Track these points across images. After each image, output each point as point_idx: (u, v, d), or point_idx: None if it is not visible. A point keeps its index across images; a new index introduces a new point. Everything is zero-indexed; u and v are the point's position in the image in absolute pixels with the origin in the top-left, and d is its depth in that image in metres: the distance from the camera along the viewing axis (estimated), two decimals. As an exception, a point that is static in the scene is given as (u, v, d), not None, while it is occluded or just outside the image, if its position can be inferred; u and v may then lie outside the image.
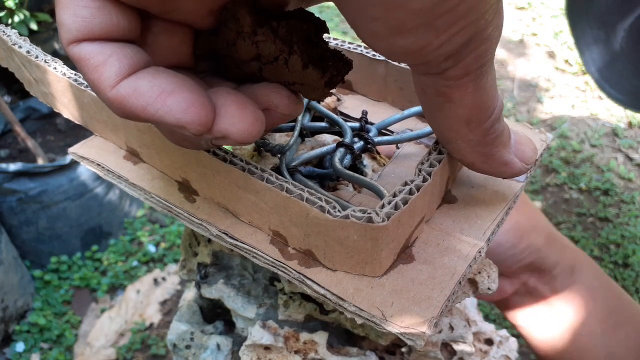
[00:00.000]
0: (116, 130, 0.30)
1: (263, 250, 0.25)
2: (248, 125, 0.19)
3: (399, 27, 0.16)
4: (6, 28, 0.32)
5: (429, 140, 0.31)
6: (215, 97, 0.19)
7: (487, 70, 0.19)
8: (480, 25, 0.17)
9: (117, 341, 1.19)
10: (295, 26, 0.19)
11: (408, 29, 0.16)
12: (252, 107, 0.19)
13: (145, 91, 0.17)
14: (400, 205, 0.21)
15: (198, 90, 0.18)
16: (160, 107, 0.17)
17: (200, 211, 0.27)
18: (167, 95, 0.17)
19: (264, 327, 0.33)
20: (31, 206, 1.20)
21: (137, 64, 0.18)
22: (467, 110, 0.20)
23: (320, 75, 0.19)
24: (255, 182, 0.23)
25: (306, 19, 0.19)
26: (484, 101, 0.20)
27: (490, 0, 0.16)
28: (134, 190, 0.29)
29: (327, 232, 0.22)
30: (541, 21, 2.06)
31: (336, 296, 0.23)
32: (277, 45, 0.19)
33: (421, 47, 0.17)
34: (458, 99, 0.19)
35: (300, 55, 0.19)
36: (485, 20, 0.17)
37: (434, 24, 0.16)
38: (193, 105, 0.17)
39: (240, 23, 0.19)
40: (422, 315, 0.21)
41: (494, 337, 0.41)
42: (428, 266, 0.24)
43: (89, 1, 0.17)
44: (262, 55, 0.19)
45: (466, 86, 0.19)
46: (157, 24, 0.19)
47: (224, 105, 0.18)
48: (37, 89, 0.33)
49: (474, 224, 0.26)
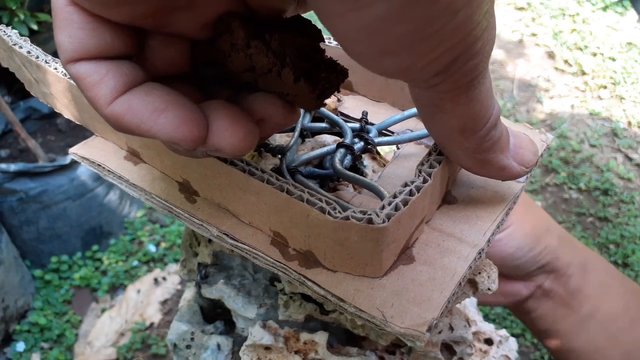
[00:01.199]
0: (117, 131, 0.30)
1: (264, 251, 0.25)
2: (239, 140, 0.19)
3: (383, 50, 0.16)
4: (7, 28, 0.32)
5: (430, 140, 0.31)
6: (209, 110, 0.19)
7: (479, 82, 0.19)
8: (467, 42, 0.16)
9: (117, 341, 1.19)
10: (288, 39, 0.19)
11: (392, 51, 0.16)
12: (245, 121, 0.19)
13: (139, 109, 0.18)
14: (401, 206, 0.21)
15: (190, 107, 0.18)
16: (153, 125, 0.18)
17: (200, 212, 0.27)
18: (160, 114, 0.18)
19: (264, 327, 0.33)
20: (32, 206, 1.20)
21: (132, 81, 0.18)
22: (460, 120, 0.20)
23: (311, 89, 0.19)
24: (256, 183, 0.23)
25: (301, 30, 0.19)
26: (477, 111, 0.20)
27: (478, 17, 0.16)
28: (135, 190, 0.29)
29: (327, 233, 0.22)
30: (541, 21, 2.06)
31: (336, 297, 0.23)
32: (269, 58, 0.19)
33: (406, 67, 0.17)
34: (450, 109, 0.19)
35: (292, 69, 0.19)
36: (473, 37, 0.16)
37: (418, 47, 0.16)
38: (184, 123, 0.18)
39: (233, 35, 0.19)
40: (422, 316, 0.21)
41: (493, 336, 0.41)
42: (428, 267, 0.24)
43: (84, 23, 0.17)
44: (255, 67, 0.20)
45: (457, 99, 0.19)
46: (153, 37, 0.19)
47: (216, 120, 0.19)
48: (37, 89, 0.33)
49: (474, 224, 0.26)
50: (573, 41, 1.94)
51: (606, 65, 1.83)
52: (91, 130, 0.33)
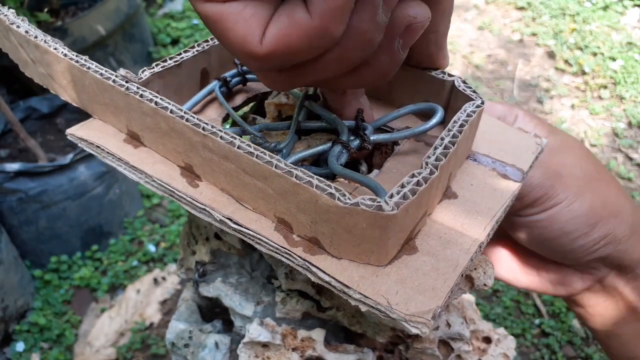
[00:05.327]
0: (117, 113, 0.30)
1: (267, 237, 0.25)
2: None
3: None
4: (3, 7, 0.31)
5: (428, 137, 0.32)
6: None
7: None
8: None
9: (117, 341, 1.19)
10: None
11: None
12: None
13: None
14: (409, 195, 0.22)
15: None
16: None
17: (203, 196, 0.27)
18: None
19: (261, 324, 0.33)
20: (31, 206, 1.20)
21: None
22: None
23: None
24: (264, 168, 0.23)
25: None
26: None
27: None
28: (135, 173, 0.29)
29: (335, 220, 0.22)
30: (541, 21, 2.06)
31: (341, 283, 0.23)
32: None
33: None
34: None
35: None
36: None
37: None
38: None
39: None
40: (427, 304, 0.22)
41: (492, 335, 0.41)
42: (431, 258, 0.24)
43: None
44: None
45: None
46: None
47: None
48: (33, 69, 0.32)
49: (474, 219, 0.26)
50: (573, 41, 1.94)
51: (606, 65, 1.83)
52: (90, 113, 0.32)
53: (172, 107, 0.26)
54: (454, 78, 0.30)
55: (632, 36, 1.93)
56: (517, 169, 0.29)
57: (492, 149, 0.31)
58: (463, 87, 0.29)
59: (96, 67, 0.29)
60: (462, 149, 0.27)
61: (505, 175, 0.29)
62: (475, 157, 0.30)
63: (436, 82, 0.30)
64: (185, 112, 0.26)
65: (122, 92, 0.28)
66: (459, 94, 0.29)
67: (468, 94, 0.29)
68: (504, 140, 0.31)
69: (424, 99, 0.31)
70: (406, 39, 0.23)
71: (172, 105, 0.26)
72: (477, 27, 2.06)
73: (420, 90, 0.31)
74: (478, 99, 0.28)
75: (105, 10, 1.54)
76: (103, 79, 0.28)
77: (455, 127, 0.26)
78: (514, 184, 0.29)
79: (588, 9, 2.06)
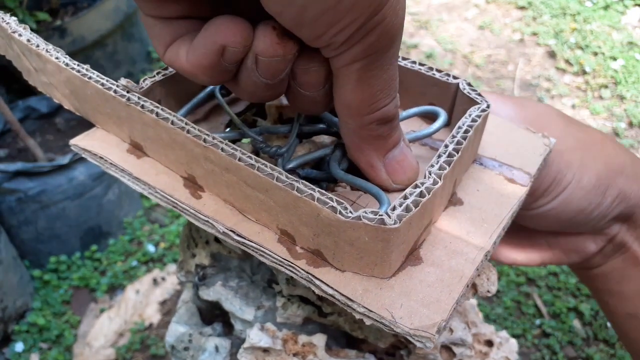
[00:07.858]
0: (120, 123, 0.30)
1: (271, 249, 0.24)
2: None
3: (297, 22, 0.20)
4: (5, 15, 0.31)
5: (432, 141, 0.31)
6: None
7: (378, 69, 0.22)
8: (367, 13, 0.19)
9: (116, 341, 1.19)
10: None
11: (305, 23, 0.20)
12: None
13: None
14: (412, 207, 0.21)
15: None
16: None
17: (206, 208, 0.26)
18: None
19: (262, 329, 0.33)
20: (30, 206, 1.20)
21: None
22: (348, 96, 0.23)
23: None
24: (265, 180, 0.23)
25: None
26: (365, 96, 0.23)
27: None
28: (138, 184, 0.29)
29: (337, 233, 0.22)
30: (542, 21, 2.06)
31: (345, 297, 0.22)
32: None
33: (318, 36, 0.20)
34: (342, 82, 0.22)
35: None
36: (373, 9, 0.19)
37: (323, 19, 0.19)
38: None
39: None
40: (431, 317, 0.21)
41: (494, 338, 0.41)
42: (436, 268, 0.24)
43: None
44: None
45: (350, 74, 0.22)
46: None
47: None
48: (36, 78, 0.32)
49: (480, 227, 0.26)
50: (574, 40, 1.93)
51: (607, 64, 1.82)
52: (92, 122, 0.32)
53: (174, 118, 0.26)
54: (459, 81, 0.29)
55: (632, 36, 1.93)
56: (524, 172, 0.29)
57: (498, 151, 0.30)
58: (468, 89, 0.29)
59: (97, 76, 0.29)
60: (467, 155, 0.27)
61: (512, 180, 0.29)
62: (481, 161, 0.30)
63: (441, 85, 0.30)
64: (186, 123, 0.26)
65: (124, 102, 0.28)
66: (464, 97, 0.29)
67: (473, 97, 0.28)
68: (510, 142, 0.31)
69: (429, 101, 0.31)
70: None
71: (174, 117, 0.26)
72: (477, 27, 2.06)
73: (425, 93, 0.31)
74: (483, 103, 0.28)
75: (105, 9, 1.54)
76: (104, 89, 0.28)
77: (459, 133, 0.25)
78: (521, 188, 0.28)
79: (589, 8, 2.06)
